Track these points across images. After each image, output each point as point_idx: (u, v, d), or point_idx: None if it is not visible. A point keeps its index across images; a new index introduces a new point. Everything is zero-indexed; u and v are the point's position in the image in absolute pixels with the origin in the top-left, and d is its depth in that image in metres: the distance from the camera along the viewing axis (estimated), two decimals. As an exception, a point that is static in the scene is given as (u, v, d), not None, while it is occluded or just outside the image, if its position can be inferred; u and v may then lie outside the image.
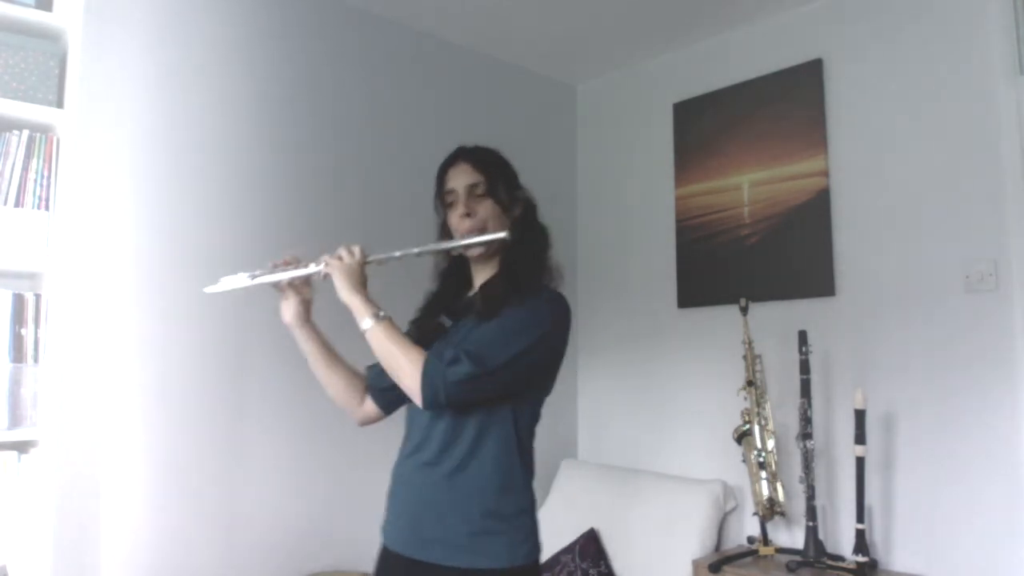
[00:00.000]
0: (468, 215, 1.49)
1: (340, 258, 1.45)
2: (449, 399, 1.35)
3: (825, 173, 2.66)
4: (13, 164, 1.72)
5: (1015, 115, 2.24)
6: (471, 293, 1.56)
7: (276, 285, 1.55)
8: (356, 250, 1.46)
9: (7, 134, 1.73)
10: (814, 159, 2.69)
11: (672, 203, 3.12)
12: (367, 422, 1.66)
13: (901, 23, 2.52)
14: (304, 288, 1.56)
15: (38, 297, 1.74)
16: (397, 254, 1.48)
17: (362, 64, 2.81)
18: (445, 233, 1.56)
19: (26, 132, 1.74)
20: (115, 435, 2.13)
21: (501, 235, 1.46)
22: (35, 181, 1.75)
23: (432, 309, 1.58)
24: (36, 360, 1.73)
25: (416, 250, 1.49)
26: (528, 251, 1.52)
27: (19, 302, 1.72)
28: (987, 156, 2.29)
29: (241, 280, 1.54)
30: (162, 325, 2.24)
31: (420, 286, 1.64)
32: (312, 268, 1.50)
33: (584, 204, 3.52)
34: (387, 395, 1.59)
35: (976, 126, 2.32)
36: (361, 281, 1.44)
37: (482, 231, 1.48)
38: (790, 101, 2.77)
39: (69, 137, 1.79)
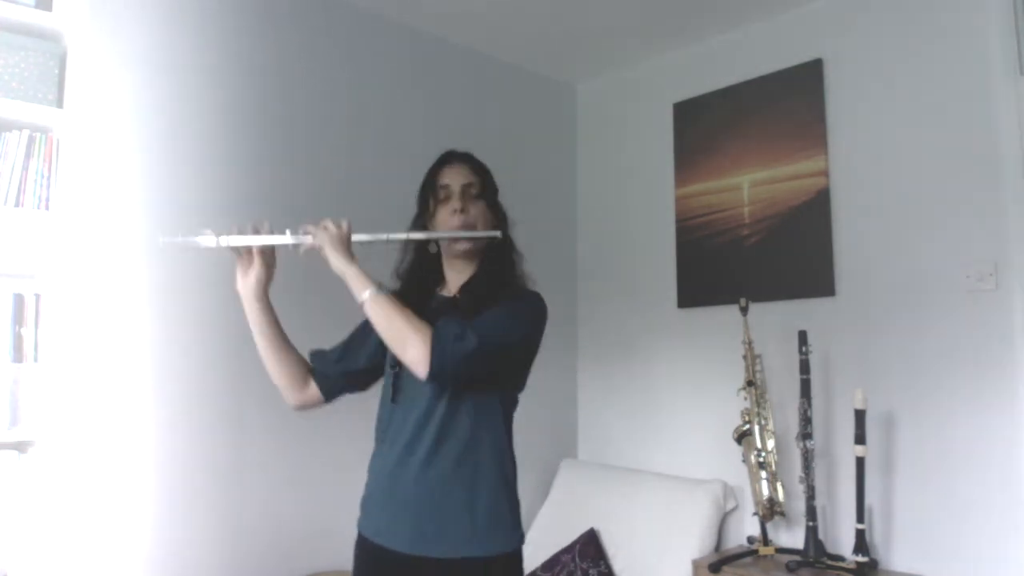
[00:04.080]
0: (462, 211, 1.51)
1: (327, 229, 1.44)
2: (454, 373, 1.36)
3: (825, 173, 2.66)
4: (13, 164, 1.73)
5: (1015, 115, 2.23)
6: (445, 293, 1.57)
7: (240, 250, 1.50)
8: (344, 224, 1.46)
9: (7, 134, 1.73)
10: (814, 159, 2.69)
11: (672, 203, 3.12)
12: (305, 407, 1.63)
13: (901, 23, 2.52)
14: (270, 258, 1.53)
15: (38, 297, 1.74)
16: (384, 236, 1.49)
17: (362, 64, 2.81)
18: (421, 228, 1.58)
19: (26, 132, 1.75)
20: (115, 435, 2.13)
21: (495, 233, 1.52)
22: (35, 181, 1.75)
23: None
24: (36, 360, 1.73)
25: (404, 235, 1.52)
26: (509, 256, 1.57)
27: (19, 302, 1.72)
28: (987, 156, 2.29)
29: (206, 240, 1.46)
30: (162, 324, 2.24)
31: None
32: (292, 237, 1.46)
33: (584, 204, 3.52)
34: (335, 383, 1.62)
35: (976, 126, 2.32)
36: (351, 253, 1.44)
37: (472, 229, 1.51)
38: (790, 101, 2.77)
39: (69, 137, 1.79)
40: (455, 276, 1.57)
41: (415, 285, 1.58)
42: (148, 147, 2.27)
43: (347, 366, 1.62)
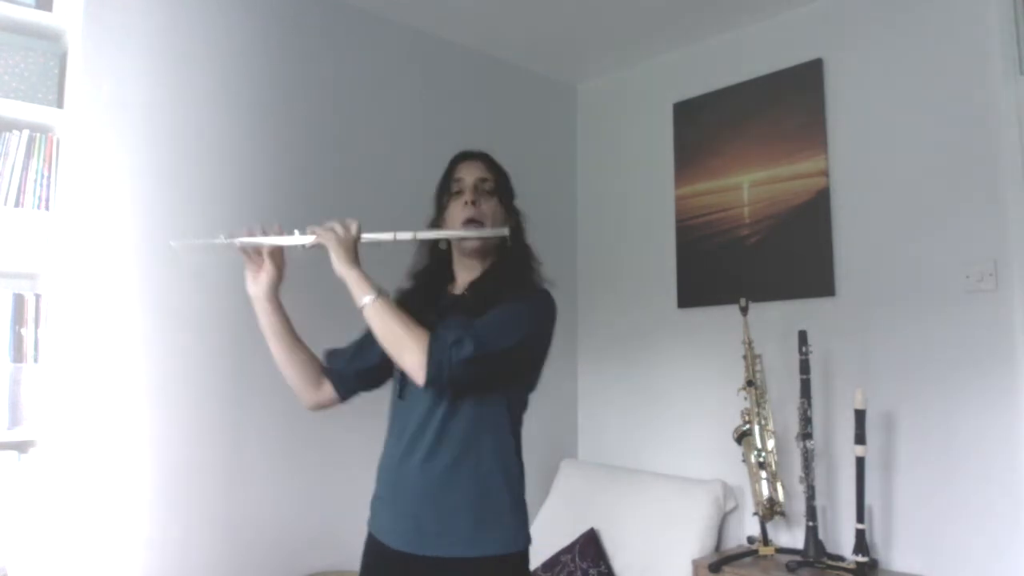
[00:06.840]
0: (473, 203, 1.50)
1: (333, 230, 1.43)
2: (452, 379, 1.35)
3: (825, 173, 2.66)
4: (13, 164, 1.73)
5: (1015, 115, 2.23)
6: (455, 291, 1.57)
7: (249, 250, 1.50)
8: (353, 225, 1.44)
9: (7, 134, 1.73)
10: (814, 159, 2.69)
11: (672, 203, 3.12)
12: (320, 407, 1.63)
13: (901, 23, 2.52)
14: (279, 259, 1.53)
15: (38, 297, 1.75)
16: (391, 236, 1.46)
17: (362, 64, 2.81)
18: (436, 226, 1.57)
19: (26, 132, 1.75)
20: (115, 435, 2.13)
21: (503, 231, 1.49)
22: (35, 181, 1.75)
23: (408, 308, 1.49)
24: (36, 360, 1.73)
25: (412, 235, 1.49)
26: (520, 256, 1.55)
27: (19, 302, 1.72)
28: (987, 156, 2.29)
29: (215, 239, 1.47)
30: (162, 324, 2.24)
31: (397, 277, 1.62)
32: (300, 238, 1.45)
33: (584, 204, 3.52)
34: (349, 381, 1.61)
35: (976, 126, 2.32)
36: (356, 256, 1.43)
37: (481, 225, 1.50)
38: (790, 101, 2.77)
39: (69, 137, 1.79)
40: (465, 274, 1.56)
41: (424, 284, 1.58)
42: (148, 147, 2.26)
43: (360, 364, 1.61)
